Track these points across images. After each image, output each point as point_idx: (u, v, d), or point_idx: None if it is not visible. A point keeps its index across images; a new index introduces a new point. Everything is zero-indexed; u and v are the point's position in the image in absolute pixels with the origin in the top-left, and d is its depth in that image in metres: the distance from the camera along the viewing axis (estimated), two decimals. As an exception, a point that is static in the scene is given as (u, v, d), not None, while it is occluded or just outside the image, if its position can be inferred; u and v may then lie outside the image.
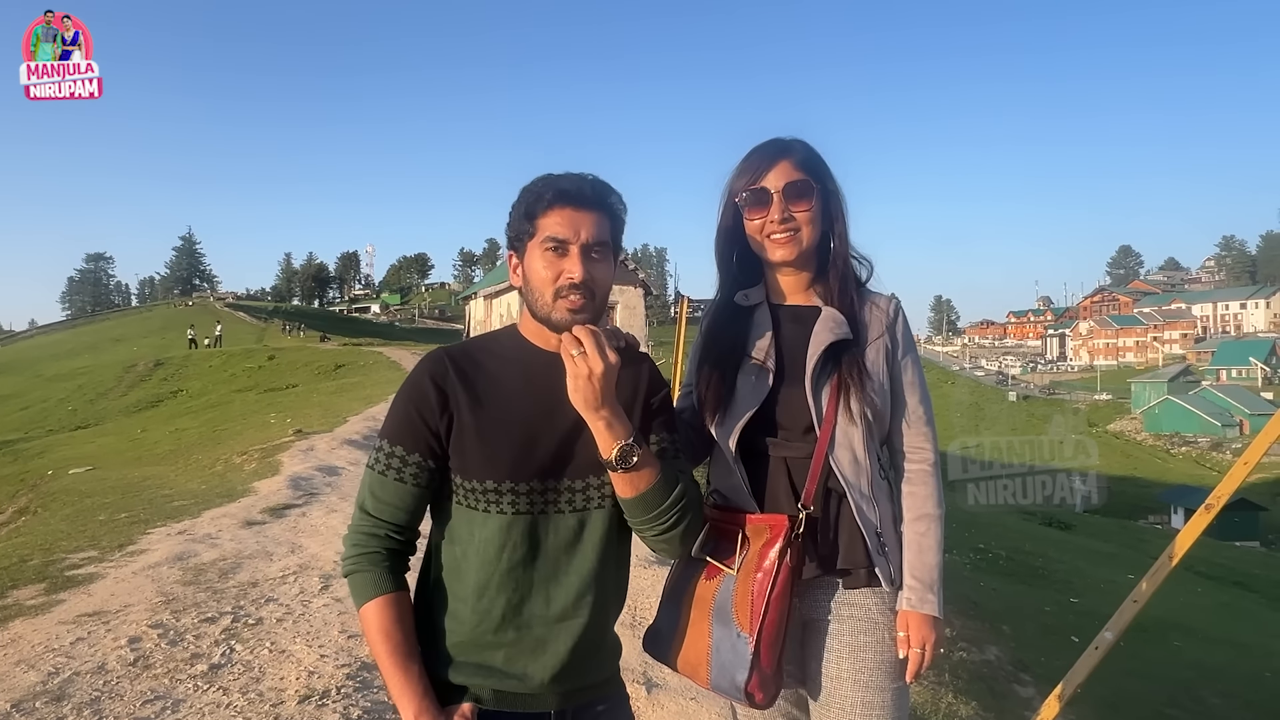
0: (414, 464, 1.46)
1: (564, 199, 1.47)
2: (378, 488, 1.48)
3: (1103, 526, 17.51)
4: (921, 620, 1.69)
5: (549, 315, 1.48)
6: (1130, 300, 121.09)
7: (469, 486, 1.46)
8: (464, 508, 1.48)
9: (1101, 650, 2.79)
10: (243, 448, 12.89)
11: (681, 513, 1.52)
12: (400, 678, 1.41)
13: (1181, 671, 5.44)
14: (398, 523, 1.48)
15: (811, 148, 1.82)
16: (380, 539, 1.48)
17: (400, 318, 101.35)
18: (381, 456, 1.48)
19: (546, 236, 1.46)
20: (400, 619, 1.44)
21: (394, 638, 1.43)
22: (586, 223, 1.47)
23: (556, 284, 1.46)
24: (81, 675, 3.74)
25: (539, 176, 1.51)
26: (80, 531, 7.32)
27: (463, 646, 1.46)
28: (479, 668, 1.46)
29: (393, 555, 1.49)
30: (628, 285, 33.42)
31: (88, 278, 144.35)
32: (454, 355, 1.52)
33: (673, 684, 3.60)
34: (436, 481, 1.50)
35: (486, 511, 1.46)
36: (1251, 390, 68.33)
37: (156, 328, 67.84)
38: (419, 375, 1.49)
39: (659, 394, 1.62)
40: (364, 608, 1.44)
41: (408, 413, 1.47)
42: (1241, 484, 2.76)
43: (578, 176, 1.50)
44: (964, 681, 4.05)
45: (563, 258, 1.46)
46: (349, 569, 1.48)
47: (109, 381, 35.14)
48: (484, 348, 1.57)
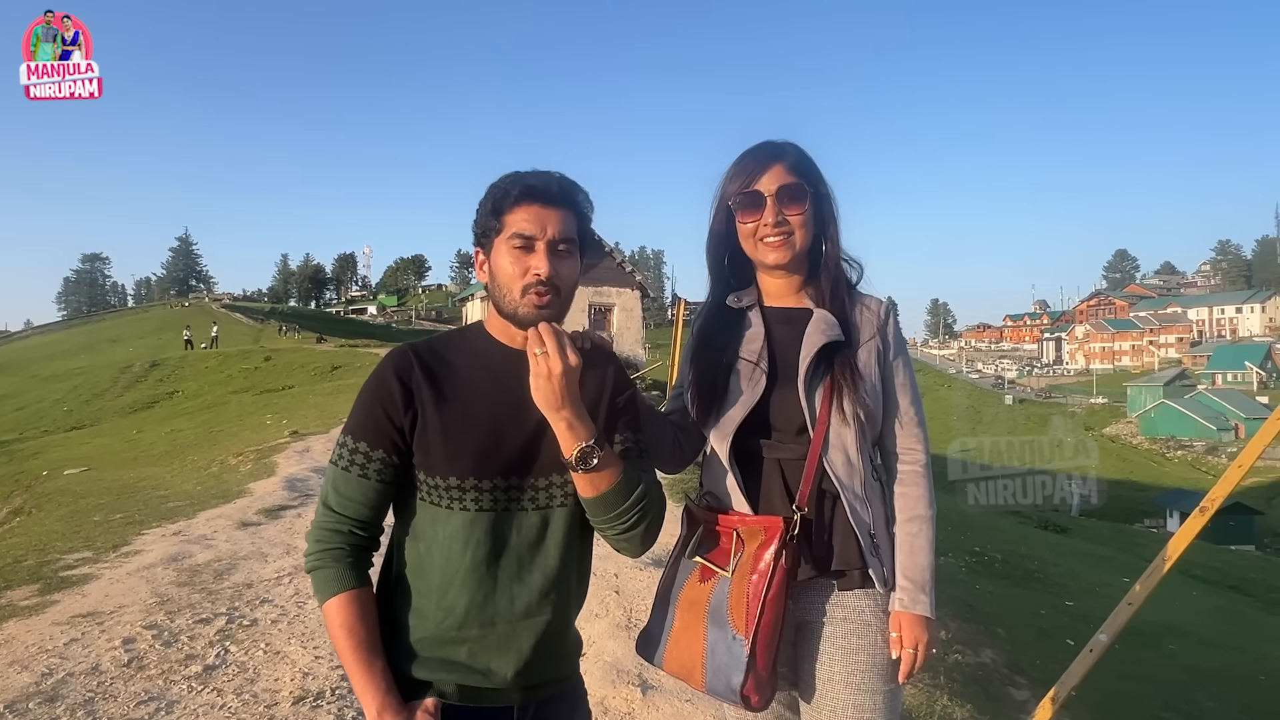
0: (378, 460, 1.46)
1: (531, 195, 1.48)
2: (341, 483, 1.48)
3: (1098, 530, 17.51)
4: (914, 621, 1.69)
5: (515, 311, 1.49)
6: (1126, 304, 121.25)
7: (433, 483, 1.46)
8: (428, 504, 1.48)
9: (1096, 653, 2.79)
10: (238, 449, 12.86)
11: (642, 513, 1.51)
12: (363, 673, 1.41)
13: (1176, 675, 5.44)
14: (361, 519, 1.48)
15: (803, 151, 1.83)
16: (343, 535, 1.47)
17: (397, 319, 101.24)
18: (345, 452, 1.48)
19: (514, 233, 1.47)
20: (363, 615, 1.44)
21: (357, 634, 1.42)
22: (553, 219, 1.48)
23: (523, 280, 1.47)
24: (75, 676, 3.73)
25: (506, 174, 1.52)
26: (75, 532, 7.30)
27: (426, 642, 1.46)
28: (443, 662, 1.46)
29: (356, 551, 1.48)
30: (625, 287, 33.38)
31: (84, 278, 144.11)
32: (419, 351, 1.52)
33: (668, 686, 3.60)
34: (400, 477, 1.49)
35: (450, 508, 1.45)
36: (1247, 394, 68.44)
37: (152, 328, 67.69)
38: (383, 371, 1.49)
39: (624, 394, 1.62)
40: (327, 604, 1.44)
41: (372, 409, 1.47)
42: (1236, 487, 2.77)
43: (544, 174, 1.51)
44: (959, 684, 4.05)
45: (529, 254, 1.47)
46: (311, 565, 1.48)
47: (104, 382, 35.02)
48: (451, 344, 1.57)
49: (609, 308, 32.93)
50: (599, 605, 4.79)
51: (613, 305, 32.97)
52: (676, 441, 1.86)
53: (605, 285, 32.62)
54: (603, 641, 4.19)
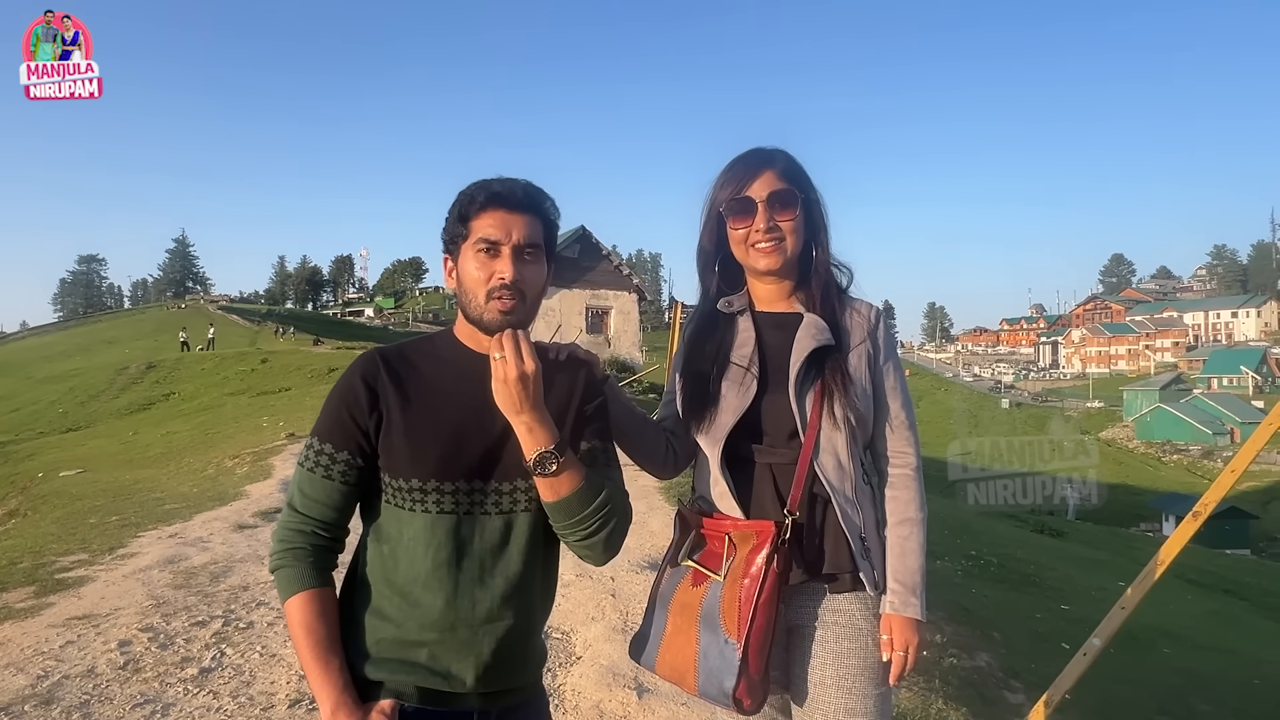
0: (342, 461, 1.48)
1: (496, 201, 1.50)
2: (306, 485, 1.50)
3: (1094, 534, 17.51)
4: (904, 624, 1.70)
5: (481, 316, 1.50)
6: (1123, 308, 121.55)
7: (396, 485, 1.47)
8: (392, 506, 1.49)
9: (1090, 657, 2.80)
10: (235, 451, 12.84)
11: (603, 520, 1.52)
12: (320, 671, 1.42)
13: (1171, 678, 5.45)
14: (325, 520, 1.50)
15: (793, 158, 1.84)
16: (307, 535, 1.49)
17: (394, 321, 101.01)
18: (311, 454, 1.50)
19: (479, 238, 1.49)
20: (322, 614, 1.45)
21: (316, 632, 1.44)
22: (518, 224, 1.50)
23: (488, 285, 1.48)
24: (71, 679, 3.73)
25: (474, 182, 1.54)
26: (70, 534, 7.29)
27: (387, 643, 1.47)
28: (403, 664, 1.46)
29: (319, 551, 1.50)
30: (622, 290, 33.41)
31: (80, 279, 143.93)
32: (387, 355, 1.55)
33: (663, 689, 3.61)
34: (366, 480, 1.51)
35: (412, 510, 1.47)
36: (1243, 399, 68.68)
37: (149, 330, 67.53)
38: (351, 374, 1.52)
39: (594, 401, 1.63)
40: (288, 602, 1.46)
41: (338, 411, 1.49)
42: (1230, 492, 2.79)
43: (510, 180, 1.53)
44: (954, 687, 4.06)
45: (494, 259, 1.49)
46: (275, 564, 1.49)
47: (100, 384, 34.93)
48: (419, 349, 1.59)
49: (606, 311, 32.94)
50: (595, 609, 4.79)
51: (610, 308, 32.98)
52: (669, 447, 1.87)
53: (602, 288, 32.65)
54: (599, 645, 4.20)
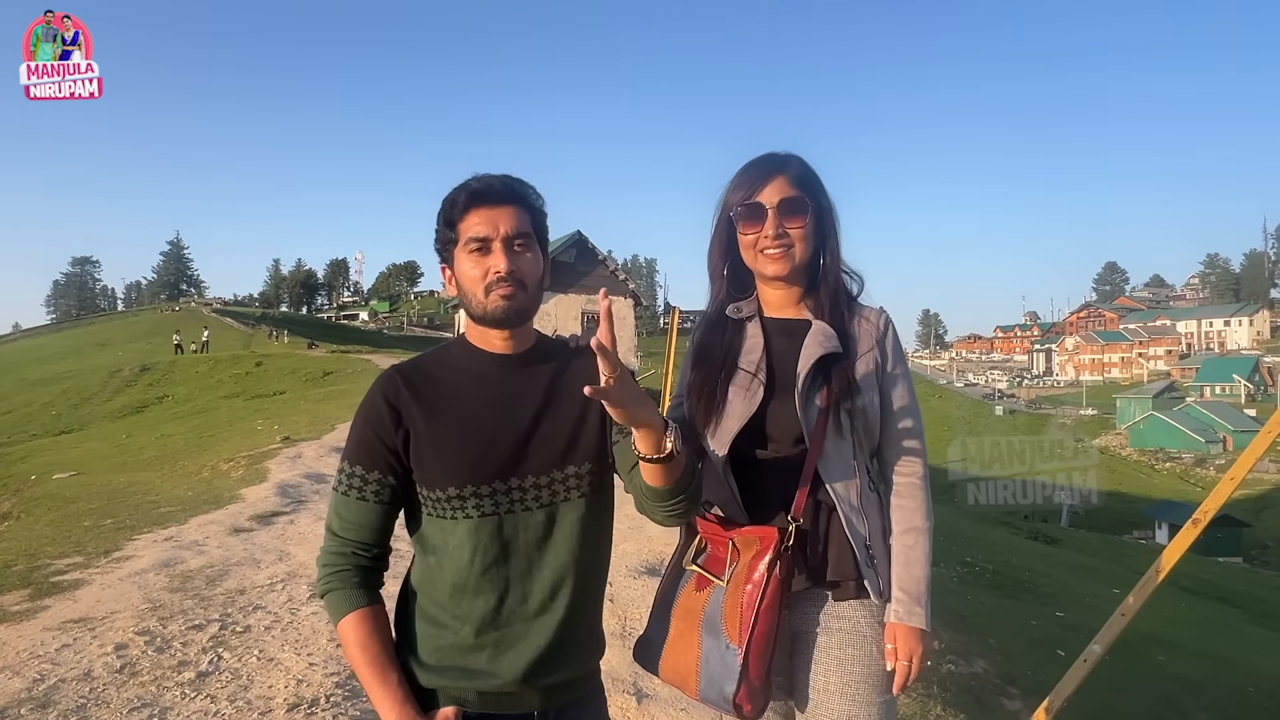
0: (375, 482, 1.50)
1: (476, 199, 1.51)
2: (342, 508, 1.52)
3: (1088, 541, 17.55)
4: (909, 633, 1.70)
5: (485, 312, 1.52)
6: (1116, 316, 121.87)
7: (434, 496, 1.49)
8: (433, 518, 1.52)
9: (1090, 663, 2.82)
10: (230, 454, 12.80)
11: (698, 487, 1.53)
12: (379, 687, 1.44)
13: (1166, 686, 5.46)
14: (364, 541, 1.52)
15: (807, 164, 1.84)
16: (349, 557, 1.51)
17: (389, 325, 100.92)
18: (343, 478, 1.52)
19: (469, 239, 1.50)
20: (375, 630, 1.48)
21: (370, 650, 1.46)
22: (503, 217, 1.51)
23: (485, 280, 1.50)
24: (67, 682, 3.72)
25: (454, 186, 1.55)
26: (65, 537, 7.26)
27: (444, 651, 1.49)
28: (462, 671, 1.48)
29: (363, 571, 1.52)
30: (617, 296, 33.42)
31: (73, 281, 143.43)
32: (404, 371, 1.56)
33: (663, 695, 3.61)
34: (401, 496, 1.53)
35: (454, 518, 1.49)
36: (1235, 407, 68.83)
37: (143, 333, 67.32)
38: (372, 395, 1.53)
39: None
40: (340, 624, 1.48)
41: (364, 432, 1.51)
42: (1227, 499, 2.80)
43: (487, 176, 1.54)
44: (952, 694, 4.07)
45: (486, 255, 1.50)
46: (322, 589, 1.52)
47: (94, 386, 34.79)
48: (434, 359, 1.61)
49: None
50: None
51: (606, 313, 32.95)
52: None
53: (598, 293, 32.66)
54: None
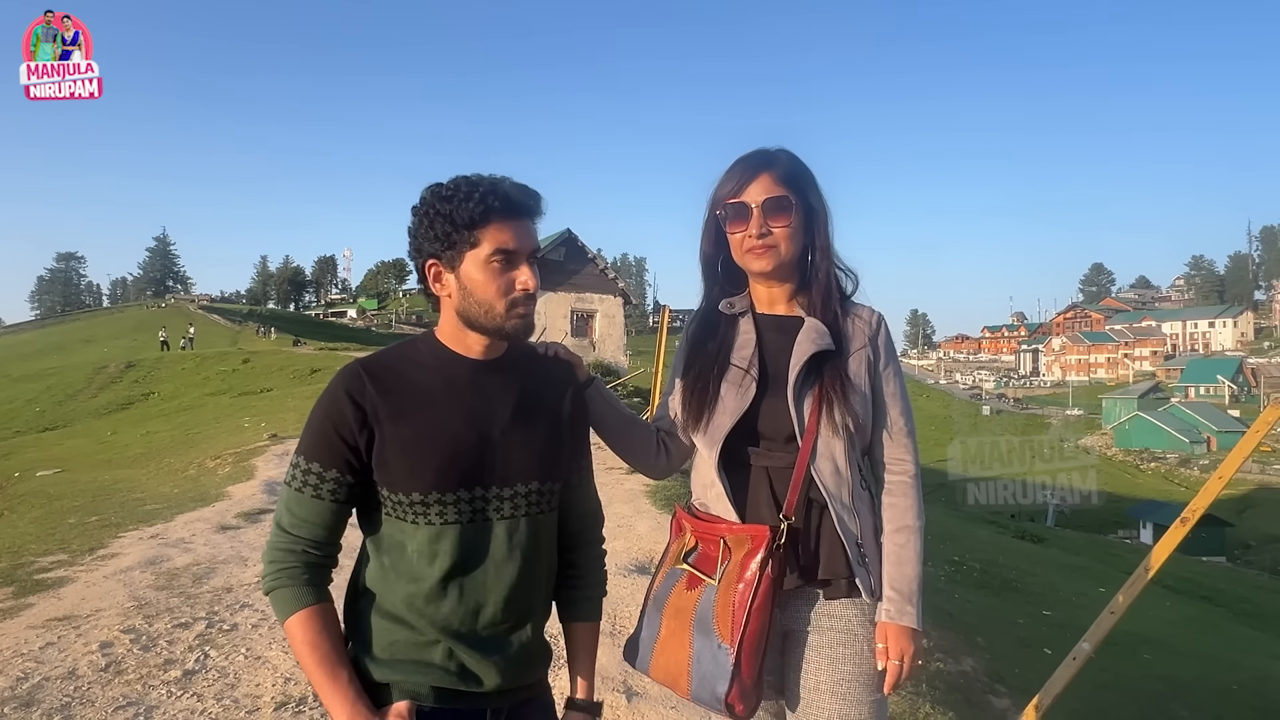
0: (332, 480, 1.45)
1: (512, 210, 1.45)
2: (294, 504, 1.46)
3: (1074, 540, 17.67)
4: (900, 632, 1.70)
5: (499, 326, 1.48)
6: (1102, 317, 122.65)
7: (396, 499, 1.45)
8: (393, 519, 1.47)
9: (1079, 661, 2.83)
10: (216, 451, 12.72)
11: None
12: (329, 684, 1.41)
13: (1152, 684, 5.50)
14: (315, 538, 1.46)
15: (796, 160, 1.82)
16: (298, 554, 1.46)
17: (377, 323, 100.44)
18: (298, 473, 1.46)
19: (497, 249, 1.44)
20: (324, 628, 1.44)
21: (320, 648, 1.42)
22: (529, 231, 1.48)
23: (510, 295, 1.46)
24: (51, 680, 3.68)
25: (464, 181, 1.46)
26: (49, 534, 7.20)
27: (399, 646, 1.46)
28: (418, 665, 1.45)
29: (312, 569, 1.46)
30: (607, 294, 33.38)
31: (58, 277, 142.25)
32: (370, 368, 1.49)
33: (653, 693, 3.60)
34: (358, 495, 1.48)
35: (415, 523, 1.45)
36: (1219, 408, 69.43)
37: (128, 329, 66.81)
38: (334, 390, 1.46)
39: (580, 419, 1.69)
40: (288, 622, 1.43)
41: (324, 429, 1.45)
42: (1215, 498, 2.82)
43: (516, 185, 1.48)
44: (941, 692, 4.08)
45: (511, 269, 1.46)
46: (269, 586, 1.46)
47: (78, 383, 34.50)
48: (403, 357, 1.54)
49: (591, 314, 32.91)
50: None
51: (595, 312, 32.95)
52: (660, 446, 1.87)
53: (587, 292, 32.62)
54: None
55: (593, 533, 1.73)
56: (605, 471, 8.81)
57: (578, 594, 1.70)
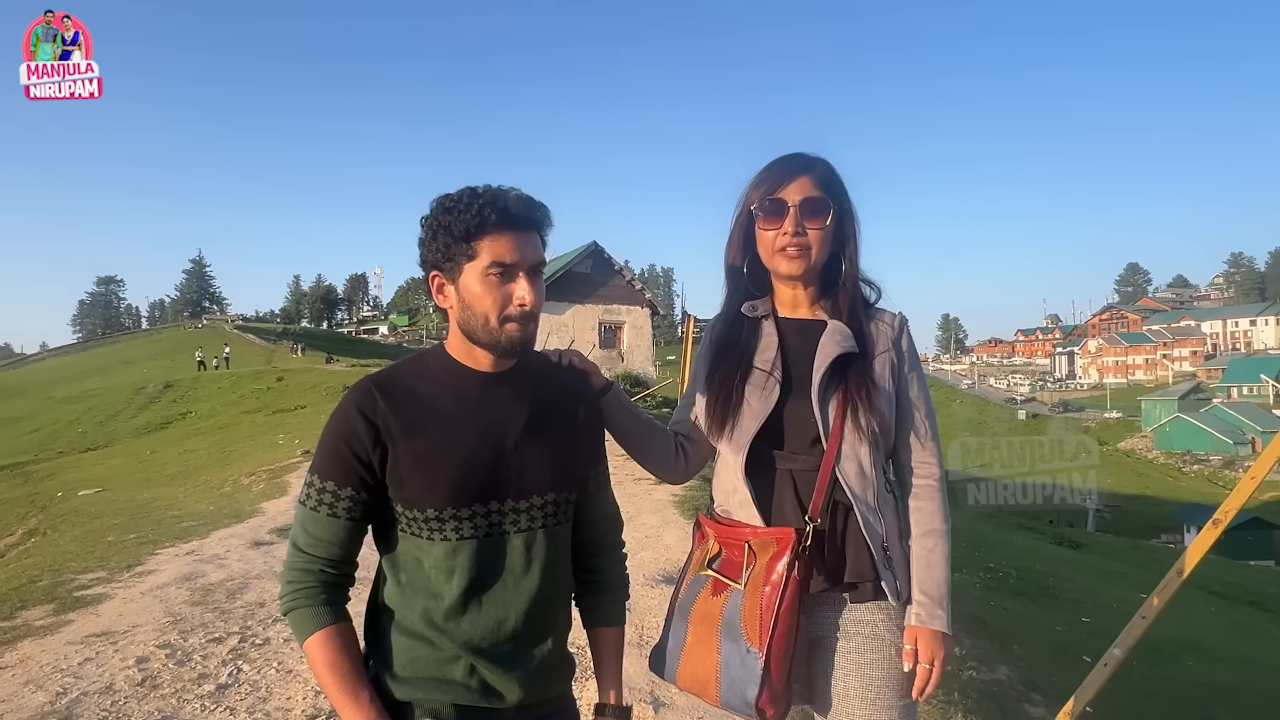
0: (346, 498, 1.43)
1: (509, 222, 1.42)
2: (310, 523, 1.45)
3: (1114, 546, 17.32)
4: (930, 636, 1.67)
5: (497, 340, 1.46)
6: (1139, 318, 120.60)
7: (411, 515, 1.44)
8: (409, 535, 1.46)
9: (1111, 667, 2.77)
10: (251, 468, 12.91)
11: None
12: (350, 705, 1.39)
13: (1195, 691, 5.37)
14: (331, 557, 1.45)
15: (832, 168, 1.82)
16: (315, 574, 1.45)
17: (408, 339, 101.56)
18: (313, 492, 1.45)
19: (493, 261, 1.42)
20: (344, 648, 1.42)
21: (340, 668, 1.41)
22: (529, 244, 1.44)
23: (507, 309, 1.44)
24: (89, 695, 3.74)
25: (466, 192, 1.44)
26: (89, 552, 7.34)
27: (420, 663, 1.45)
28: (439, 682, 1.44)
29: (330, 589, 1.45)
30: (634, 305, 33.38)
31: (99, 300, 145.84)
32: (381, 384, 1.48)
33: (680, 703, 3.58)
34: (373, 513, 1.47)
35: (431, 539, 1.44)
36: (1263, 407, 67.81)
37: (166, 350, 68.19)
38: (346, 407, 1.45)
39: (595, 427, 1.68)
40: (306, 642, 1.42)
41: (337, 447, 1.43)
42: (1254, 502, 2.76)
43: (517, 197, 1.45)
44: (974, 700, 4.01)
45: (509, 282, 1.44)
46: (287, 606, 1.45)
47: (119, 403, 35.28)
48: (413, 372, 1.52)
49: (619, 326, 32.95)
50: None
51: (623, 323, 32.98)
52: (679, 451, 1.86)
53: (615, 303, 32.66)
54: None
55: (613, 537, 1.72)
56: (633, 482, 8.80)
57: (601, 599, 1.69)
